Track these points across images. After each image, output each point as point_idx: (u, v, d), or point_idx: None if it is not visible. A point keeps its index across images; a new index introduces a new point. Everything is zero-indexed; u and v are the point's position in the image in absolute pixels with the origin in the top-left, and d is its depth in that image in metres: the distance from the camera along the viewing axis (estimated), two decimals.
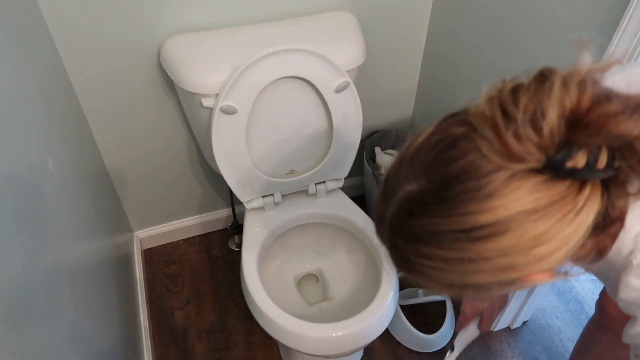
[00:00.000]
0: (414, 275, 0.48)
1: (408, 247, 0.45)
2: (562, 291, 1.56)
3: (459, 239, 0.41)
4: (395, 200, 0.45)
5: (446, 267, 0.44)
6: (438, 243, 0.43)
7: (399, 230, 0.46)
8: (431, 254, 0.44)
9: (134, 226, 1.59)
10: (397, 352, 1.39)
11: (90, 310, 0.89)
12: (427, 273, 0.46)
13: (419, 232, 0.44)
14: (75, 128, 1.11)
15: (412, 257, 0.46)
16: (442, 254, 0.43)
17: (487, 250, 0.41)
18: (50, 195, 0.81)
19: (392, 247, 0.48)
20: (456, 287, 0.46)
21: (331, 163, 1.25)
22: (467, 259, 0.42)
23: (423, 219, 0.43)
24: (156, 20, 1.09)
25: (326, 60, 1.05)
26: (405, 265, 0.48)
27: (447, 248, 0.43)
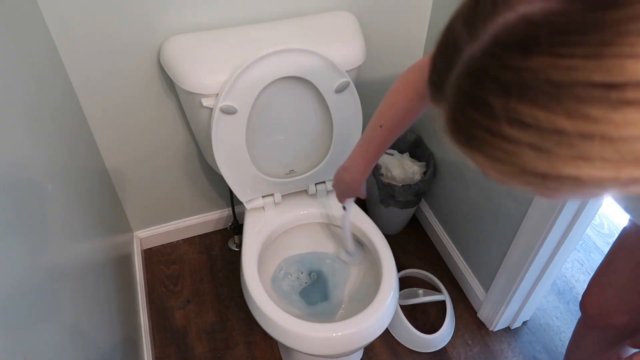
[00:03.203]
0: (485, 155, 0.32)
1: (502, 106, 0.29)
2: (562, 291, 1.56)
3: (599, 99, 0.26)
4: (496, 27, 0.29)
5: (551, 147, 0.29)
6: (560, 103, 0.27)
7: (492, 78, 0.29)
8: (540, 120, 0.28)
9: (134, 226, 1.59)
10: (397, 352, 1.39)
11: (90, 310, 0.89)
12: (513, 153, 0.30)
13: (531, 82, 0.27)
14: (75, 128, 1.11)
15: (503, 124, 0.29)
16: (558, 123, 0.27)
17: (631, 126, 0.26)
18: (51, 196, 0.81)
19: (465, 107, 0.31)
20: (544, 178, 0.31)
21: (331, 163, 1.25)
22: (596, 136, 0.27)
23: (546, 59, 0.27)
24: (156, 20, 1.09)
25: (326, 60, 1.05)
26: (479, 136, 0.31)
27: (572, 114, 0.27)
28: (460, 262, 1.53)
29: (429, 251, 1.66)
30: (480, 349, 1.41)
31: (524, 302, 1.35)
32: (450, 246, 1.58)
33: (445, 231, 1.61)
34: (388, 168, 1.53)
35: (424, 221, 1.71)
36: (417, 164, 1.55)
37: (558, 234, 1.12)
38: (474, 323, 1.47)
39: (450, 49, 0.32)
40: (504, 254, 1.27)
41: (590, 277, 0.98)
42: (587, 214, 1.07)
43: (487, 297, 1.41)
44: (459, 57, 0.31)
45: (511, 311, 1.38)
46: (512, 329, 1.46)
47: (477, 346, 1.41)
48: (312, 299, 1.26)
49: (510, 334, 1.45)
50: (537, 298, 1.36)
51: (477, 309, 1.48)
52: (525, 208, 1.13)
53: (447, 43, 0.33)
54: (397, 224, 1.68)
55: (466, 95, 0.31)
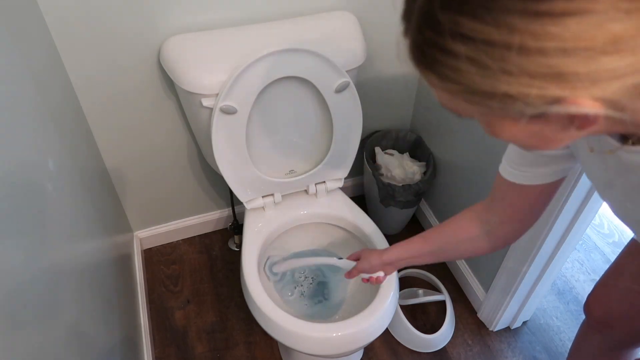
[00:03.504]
0: (435, 73, 0.37)
1: (446, 19, 0.33)
2: (562, 291, 1.56)
3: (519, 10, 0.30)
4: None
5: (485, 60, 0.32)
6: (489, 13, 0.31)
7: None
8: (474, 31, 0.32)
9: (134, 226, 1.59)
10: (397, 352, 1.39)
11: (90, 310, 0.89)
12: (456, 68, 0.34)
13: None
14: (75, 128, 1.11)
15: (448, 39, 0.33)
16: (490, 34, 0.32)
17: (548, 37, 0.30)
18: (50, 195, 0.81)
19: (423, 27, 0.36)
20: (484, 95, 0.35)
21: (331, 163, 1.25)
22: (518, 47, 0.31)
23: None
24: (156, 20, 1.09)
25: (326, 60, 1.05)
26: (431, 54, 0.36)
27: (499, 24, 0.31)
28: (460, 262, 1.53)
29: None
30: (480, 349, 1.41)
31: (524, 302, 1.35)
32: None
33: None
34: (388, 168, 1.53)
35: (424, 221, 1.71)
36: (417, 164, 1.55)
37: (558, 234, 1.12)
38: (474, 323, 1.47)
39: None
40: (504, 254, 1.27)
41: (590, 277, 0.98)
42: (587, 214, 1.07)
43: (487, 297, 1.41)
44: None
45: (511, 311, 1.38)
46: (512, 329, 1.46)
47: (477, 346, 1.41)
48: (312, 299, 1.26)
49: (510, 334, 1.45)
50: (537, 298, 1.36)
51: (477, 309, 1.48)
52: None
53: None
54: (397, 224, 1.68)
55: (423, 15, 0.35)
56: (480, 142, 1.27)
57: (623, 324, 0.93)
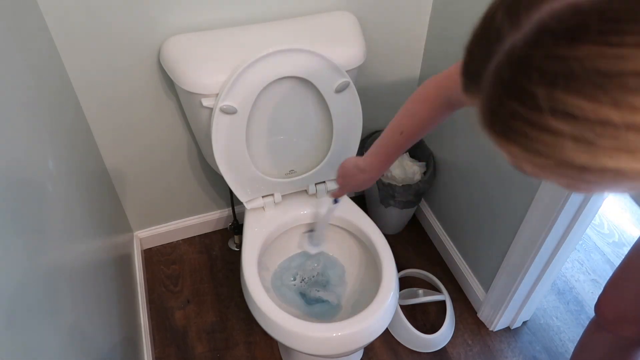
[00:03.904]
0: (523, 147, 0.31)
1: (546, 96, 0.28)
2: (562, 291, 1.56)
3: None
4: (541, 16, 0.28)
5: (594, 139, 0.28)
6: (607, 93, 0.26)
7: (536, 68, 0.28)
8: (586, 111, 0.27)
9: (134, 226, 1.59)
10: (397, 352, 1.39)
11: (90, 310, 0.89)
12: (554, 146, 0.29)
13: (577, 71, 0.27)
14: (75, 128, 1.11)
15: (546, 115, 0.28)
16: (605, 114, 0.27)
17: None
18: (50, 195, 0.81)
19: (505, 98, 0.30)
20: (584, 171, 0.30)
21: (331, 163, 1.25)
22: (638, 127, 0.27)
23: (595, 48, 0.26)
24: (156, 20, 1.09)
25: (326, 60, 1.05)
26: (518, 129, 0.30)
27: (620, 104, 0.26)
28: (460, 262, 1.53)
29: (429, 251, 1.66)
30: (480, 349, 1.41)
31: (524, 302, 1.35)
32: (450, 246, 1.58)
33: (445, 231, 1.61)
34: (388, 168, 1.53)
35: (424, 221, 1.71)
36: (417, 164, 1.55)
37: (558, 234, 1.12)
38: (474, 323, 1.47)
39: (490, 38, 0.31)
40: (504, 254, 1.27)
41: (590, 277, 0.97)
42: (587, 214, 1.07)
43: (487, 297, 1.41)
44: (499, 46, 0.30)
45: (511, 311, 1.38)
46: (512, 329, 1.46)
47: (477, 346, 1.41)
48: (312, 299, 1.26)
49: (510, 334, 1.45)
50: (537, 298, 1.36)
51: (477, 309, 1.48)
52: (526, 208, 1.13)
53: (486, 32, 0.32)
54: (397, 224, 1.68)
55: (506, 85, 0.30)
56: (481, 142, 1.27)
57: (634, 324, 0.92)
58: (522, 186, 1.14)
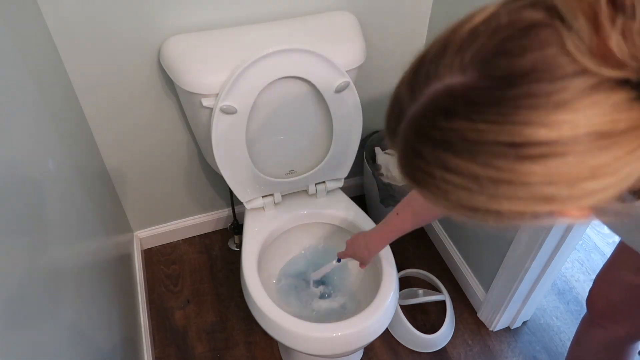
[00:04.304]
0: (426, 191, 0.40)
1: (433, 156, 0.37)
2: (562, 291, 1.56)
3: (504, 154, 0.33)
4: (429, 94, 0.36)
5: (475, 188, 0.36)
6: (474, 156, 0.34)
7: (425, 134, 0.37)
8: (461, 168, 0.35)
9: (134, 226, 1.59)
10: (397, 352, 1.39)
11: (90, 310, 0.89)
12: (446, 191, 0.38)
13: (453, 140, 0.35)
14: (75, 128, 1.11)
15: (435, 169, 0.37)
16: (475, 171, 0.35)
17: (532, 175, 0.33)
18: (51, 195, 0.81)
19: (409, 154, 0.39)
20: (475, 211, 0.38)
21: (331, 163, 1.25)
22: (505, 181, 0.34)
23: (463, 123, 0.34)
24: (156, 20, 1.09)
25: (326, 60, 1.05)
26: (420, 177, 0.39)
27: (485, 164, 0.34)
28: (460, 262, 1.53)
29: (429, 251, 1.66)
30: (480, 349, 1.41)
31: (524, 302, 1.35)
32: (450, 246, 1.58)
33: (445, 231, 1.61)
34: (388, 168, 1.53)
35: None
36: None
37: (558, 234, 1.12)
38: (474, 323, 1.47)
39: (398, 108, 0.39)
40: (504, 254, 1.27)
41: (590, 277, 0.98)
42: None
43: (487, 297, 1.41)
44: (404, 114, 0.38)
45: (511, 311, 1.38)
46: (512, 329, 1.46)
47: (477, 346, 1.41)
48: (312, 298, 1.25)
49: (510, 334, 1.45)
50: (537, 298, 1.36)
51: (477, 309, 1.48)
52: None
53: (395, 103, 0.40)
54: None
55: (409, 145, 0.38)
56: None
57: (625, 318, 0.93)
58: None
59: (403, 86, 0.39)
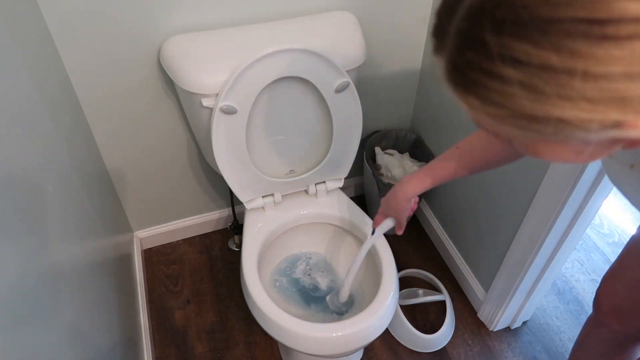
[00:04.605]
0: (476, 96, 0.34)
1: (495, 42, 0.31)
2: (562, 291, 1.56)
3: (582, 34, 0.28)
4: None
5: (540, 85, 0.30)
6: (546, 38, 0.29)
7: (488, 15, 0.31)
8: (529, 55, 0.30)
9: (134, 226, 1.59)
10: (397, 352, 1.39)
11: (90, 310, 0.89)
12: (503, 92, 0.32)
13: (522, 18, 0.29)
14: (75, 128, 1.11)
15: (495, 60, 0.31)
16: (545, 58, 0.29)
17: (614, 62, 0.28)
18: (51, 195, 0.81)
19: (464, 48, 0.33)
20: (532, 119, 0.32)
21: (331, 163, 1.25)
22: (580, 72, 0.29)
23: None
24: (156, 20, 1.09)
25: (326, 60, 1.05)
26: (474, 77, 0.33)
27: (557, 48, 0.29)
28: (460, 262, 1.53)
29: (429, 251, 1.66)
30: (480, 349, 1.41)
31: (524, 302, 1.35)
32: (450, 246, 1.58)
33: (445, 231, 1.61)
34: (388, 168, 1.53)
35: (424, 221, 1.71)
36: (417, 164, 1.55)
37: (558, 234, 1.12)
38: (474, 323, 1.47)
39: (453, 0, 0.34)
40: (504, 254, 1.27)
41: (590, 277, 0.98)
42: (587, 214, 1.07)
43: (487, 297, 1.41)
44: (461, 3, 0.33)
45: (511, 311, 1.38)
46: (512, 329, 1.46)
47: (477, 346, 1.41)
48: (312, 298, 1.26)
49: (510, 334, 1.45)
50: (537, 298, 1.36)
51: (477, 309, 1.48)
52: (526, 208, 1.13)
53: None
54: None
55: (465, 35, 0.33)
56: None
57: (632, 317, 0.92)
58: (523, 186, 1.14)
59: None
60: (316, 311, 1.22)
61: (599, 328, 1.01)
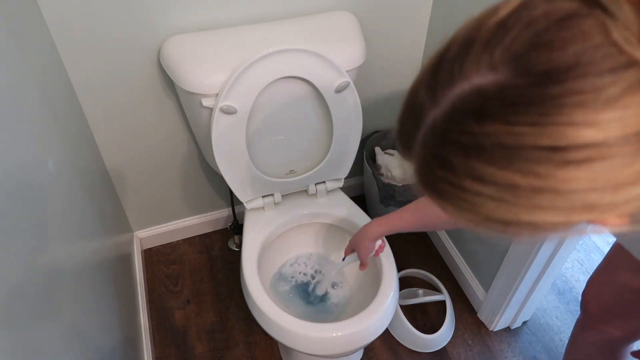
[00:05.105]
0: (450, 204, 0.36)
1: (462, 165, 0.32)
2: (562, 291, 1.56)
3: (545, 160, 0.30)
4: (454, 96, 0.32)
5: (509, 199, 0.32)
6: (511, 163, 0.31)
7: (452, 140, 0.33)
8: (496, 177, 0.32)
9: (134, 226, 1.59)
10: (397, 352, 1.39)
11: (90, 310, 0.89)
12: (475, 203, 0.34)
13: (487, 145, 0.31)
14: (75, 128, 1.11)
15: (463, 179, 0.33)
16: (512, 179, 0.31)
17: (575, 181, 0.30)
18: (51, 196, 0.81)
19: (431, 163, 0.35)
20: (506, 225, 0.34)
21: (331, 163, 1.25)
22: (545, 190, 0.31)
23: (498, 126, 0.30)
24: (156, 20, 1.09)
25: (326, 60, 1.05)
26: (444, 188, 0.35)
27: (523, 172, 0.31)
28: (460, 262, 1.53)
29: (429, 251, 1.66)
30: (480, 349, 1.41)
31: (524, 302, 1.35)
32: (450, 246, 1.58)
33: (445, 231, 1.61)
34: (388, 168, 1.53)
35: None
36: None
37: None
38: (474, 323, 1.47)
39: (416, 112, 0.35)
40: (504, 254, 1.27)
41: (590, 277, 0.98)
42: None
43: (487, 297, 1.41)
44: (423, 119, 0.34)
45: (511, 311, 1.38)
46: (512, 329, 1.46)
47: (477, 346, 1.41)
48: (312, 299, 1.26)
49: (510, 334, 1.45)
50: (537, 298, 1.36)
51: (477, 309, 1.48)
52: None
53: (412, 106, 0.36)
54: None
55: (431, 154, 0.34)
56: None
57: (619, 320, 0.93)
58: None
59: (421, 89, 0.35)
60: (316, 311, 1.22)
61: (588, 330, 1.01)
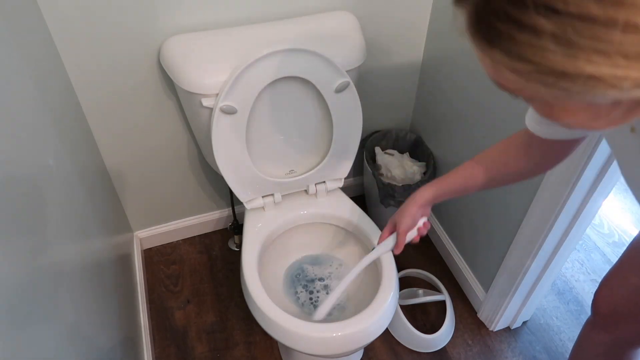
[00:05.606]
0: (500, 50, 0.32)
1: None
2: (562, 291, 1.56)
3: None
4: None
5: (575, 35, 0.28)
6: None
7: None
8: (567, 3, 0.27)
9: (134, 226, 1.59)
10: (397, 352, 1.39)
11: (90, 310, 0.89)
12: (531, 45, 0.30)
13: None
14: (75, 128, 1.11)
15: (527, 9, 0.28)
16: (585, 6, 0.27)
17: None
18: (50, 195, 0.81)
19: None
20: (559, 75, 0.30)
21: (331, 163, 1.25)
22: (621, 23, 0.27)
23: None
24: (156, 20, 1.09)
25: (326, 60, 1.05)
26: (500, 27, 0.31)
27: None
28: (460, 262, 1.53)
29: (429, 251, 1.66)
30: (480, 349, 1.41)
31: (524, 302, 1.35)
32: (450, 246, 1.58)
33: (445, 231, 1.61)
34: (388, 168, 1.53)
35: None
36: (417, 164, 1.55)
37: (558, 234, 1.12)
38: (474, 323, 1.47)
39: None
40: (504, 254, 1.27)
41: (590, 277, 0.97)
42: (587, 214, 1.07)
43: (487, 297, 1.41)
44: None
45: (511, 311, 1.38)
46: (512, 329, 1.46)
47: (477, 346, 1.41)
48: (312, 298, 1.25)
49: (510, 334, 1.45)
50: (537, 298, 1.36)
51: (477, 309, 1.48)
52: (526, 208, 1.13)
53: None
54: None
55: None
56: (480, 142, 1.27)
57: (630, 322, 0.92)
58: (523, 186, 1.14)
59: None
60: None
61: (597, 331, 1.01)
